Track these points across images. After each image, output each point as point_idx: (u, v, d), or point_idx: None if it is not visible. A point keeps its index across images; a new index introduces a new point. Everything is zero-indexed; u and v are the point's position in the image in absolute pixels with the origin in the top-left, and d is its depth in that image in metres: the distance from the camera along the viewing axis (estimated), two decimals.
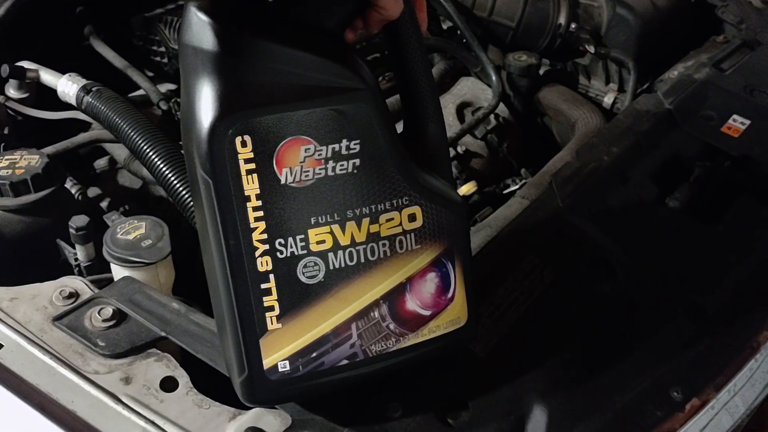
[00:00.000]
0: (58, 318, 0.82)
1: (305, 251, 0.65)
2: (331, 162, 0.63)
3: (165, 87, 1.47)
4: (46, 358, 0.78)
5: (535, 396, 0.79)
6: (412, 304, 0.70)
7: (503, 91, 1.50)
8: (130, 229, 0.93)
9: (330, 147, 0.63)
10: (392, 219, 0.67)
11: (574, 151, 1.16)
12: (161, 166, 1.08)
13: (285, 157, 0.62)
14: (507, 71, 1.53)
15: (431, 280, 0.71)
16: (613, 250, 0.96)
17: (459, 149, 1.42)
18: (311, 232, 0.64)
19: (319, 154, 0.63)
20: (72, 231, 0.96)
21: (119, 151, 1.30)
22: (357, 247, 0.66)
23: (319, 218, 0.64)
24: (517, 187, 1.38)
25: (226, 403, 0.75)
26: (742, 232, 1.02)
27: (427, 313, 0.72)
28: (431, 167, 0.71)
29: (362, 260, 0.67)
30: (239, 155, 0.60)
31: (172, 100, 1.34)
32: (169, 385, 0.77)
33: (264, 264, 0.64)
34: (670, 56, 1.48)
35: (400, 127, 0.72)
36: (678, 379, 0.84)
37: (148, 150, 1.09)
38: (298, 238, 0.64)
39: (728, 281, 0.95)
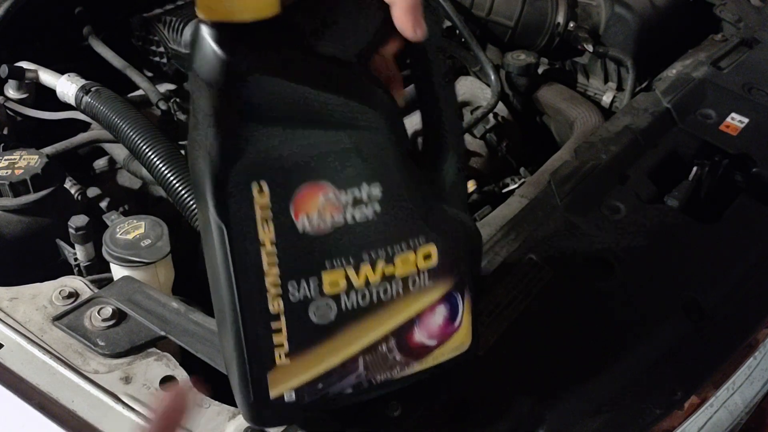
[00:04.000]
0: (57, 318, 0.82)
1: (318, 294, 0.63)
2: (350, 207, 0.61)
3: (164, 87, 1.47)
4: (46, 358, 0.78)
5: (533, 394, 0.79)
6: (419, 336, 0.69)
7: (502, 90, 1.50)
8: (130, 229, 0.93)
9: (350, 192, 0.60)
10: (407, 259, 0.65)
11: (572, 149, 1.16)
12: (160, 165, 1.08)
13: (303, 204, 0.59)
14: (506, 70, 1.53)
15: (440, 313, 0.69)
16: (612, 249, 0.96)
17: None
18: (325, 276, 0.62)
19: (338, 200, 0.60)
20: (71, 231, 0.96)
21: (118, 151, 1.30)
22: (370, 288, 0.64)
23: (334, 262, 0.62)
24: (516, 186, 1.38)
25: (226, 403, 0.75)
26: (740, 230, 1.02)
27: (433, 343, 0.71)
28: (447, 196, 0.68)
29: (375, 300, 0.65)
30: (255, 202, 0.57)
31: (171, 100, 1.34)
32: (169, 384, 0.77)
33: (275, 306, 0.62)
34: (669, 55, 1.48)
35: (410, 120, 0.69)
36: (677, 377, 0.84)
37: (147, 150, 1.10)
38: (311, 281, 0.62)
39: (727, 279, 0.95)
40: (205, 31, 0.54)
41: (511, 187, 1.38)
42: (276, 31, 0.55)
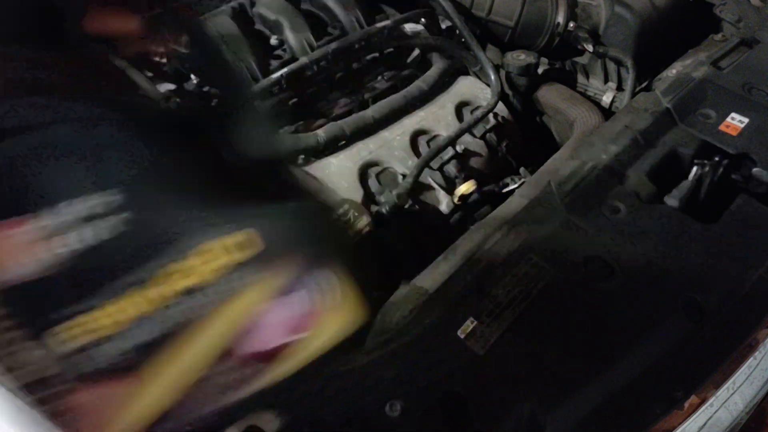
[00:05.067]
0: None
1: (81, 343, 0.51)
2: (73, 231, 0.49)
3: (164, 87, 1.47)
4: None
5: (533, 394, 0.79)
6: (262, 341, 0.57)
7: (502, 90, 1.50)
8: None
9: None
10: (197, 267, 0.53)
11: (572, 149, 1.16)
12: None
13: None
14: (506, 70, 1.53)
15: (283, 308, 0.57)
16: (612, 249, 0.96)
17: (458, 148, 1.42)
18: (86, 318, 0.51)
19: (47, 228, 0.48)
20: None
21: None
22: (161, 313, 0.53)
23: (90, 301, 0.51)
24: (516, 185, 1.38)
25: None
26: (740, 230, 1.02)
27: (289, 338, 0.58)
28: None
29: (174, 323, 0.53)
30: None
31: (171, 100, 1.34)
32: None
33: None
34: (669, 55, 1.49)
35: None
36: (677, 377, 0.84)
37: None
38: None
39: (726, 279, 0.95)
40: None
41: (511, 187, 1.38)
42: None
